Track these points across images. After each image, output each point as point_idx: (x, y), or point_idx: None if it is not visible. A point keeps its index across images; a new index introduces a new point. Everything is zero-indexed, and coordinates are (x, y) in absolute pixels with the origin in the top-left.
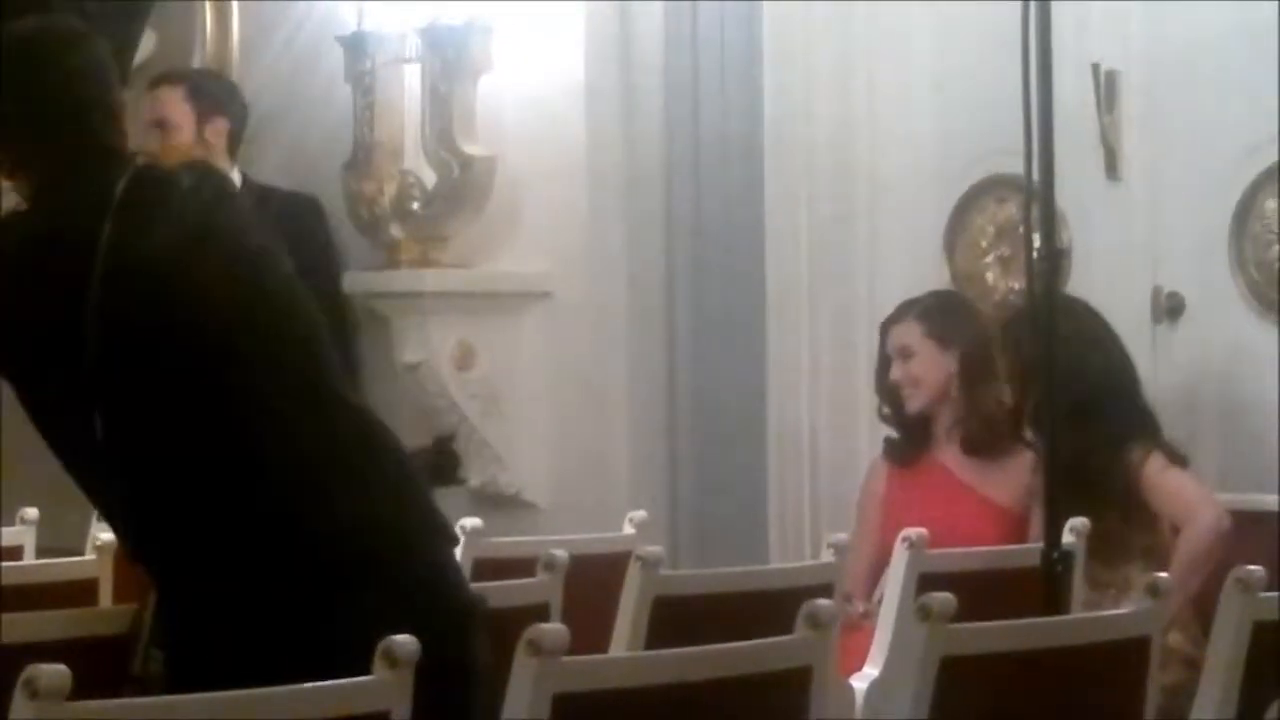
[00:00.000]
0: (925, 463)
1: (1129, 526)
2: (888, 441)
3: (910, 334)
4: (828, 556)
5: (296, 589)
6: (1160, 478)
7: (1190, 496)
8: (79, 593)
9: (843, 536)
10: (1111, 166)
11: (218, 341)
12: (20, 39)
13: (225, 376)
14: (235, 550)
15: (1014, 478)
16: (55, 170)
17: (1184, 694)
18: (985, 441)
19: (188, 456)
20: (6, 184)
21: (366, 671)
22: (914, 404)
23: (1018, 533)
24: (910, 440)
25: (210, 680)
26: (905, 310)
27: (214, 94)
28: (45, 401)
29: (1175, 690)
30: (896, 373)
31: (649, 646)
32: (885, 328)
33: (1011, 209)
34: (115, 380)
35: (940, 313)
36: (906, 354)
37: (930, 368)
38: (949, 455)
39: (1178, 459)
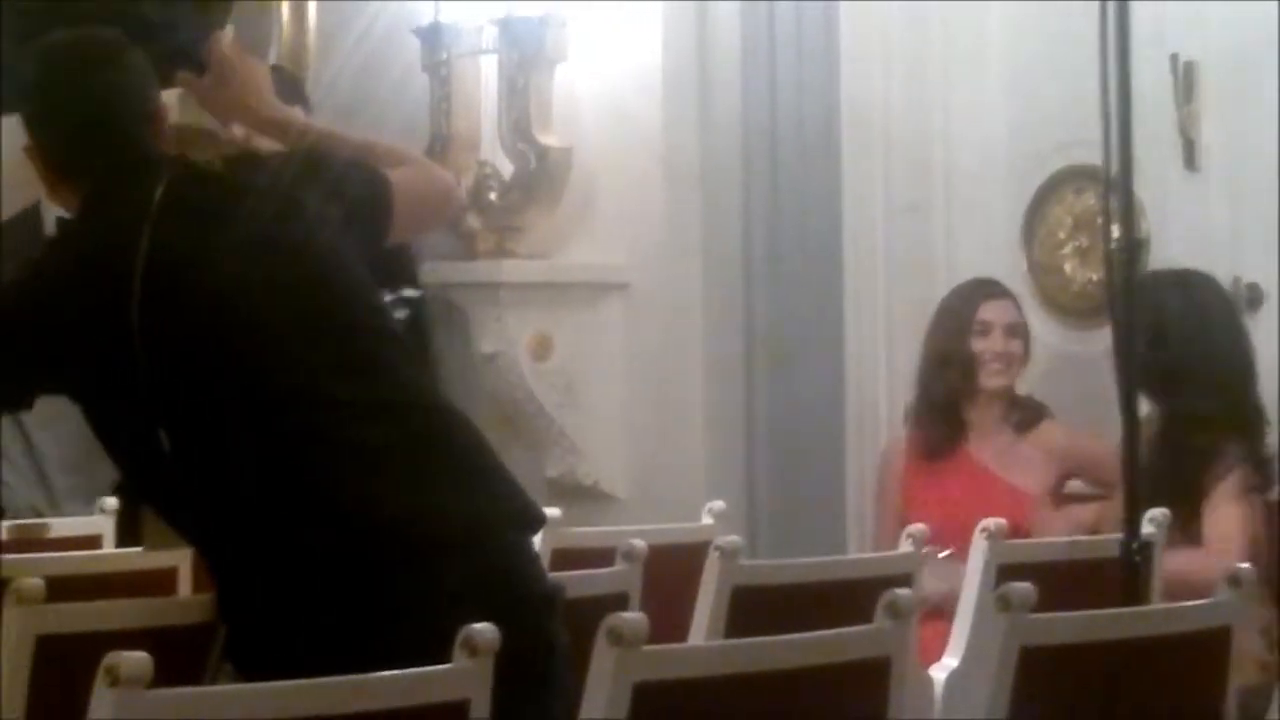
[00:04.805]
0: (951, 455)
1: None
2: (918, 435)
3: (1016, 312)
4: (906, 547)
5: (370, 580)
6: (1222, 500)
7: (1226, 537)
8: (158, 582)
9: (921, 527)
10: (1190, 157)
11: (277, 353)
12: (58, 51)
13: (289, 385)
14: (307, 547)
15: (1033, 459)
16: (99, 182)
17: (1260, 696)
18: (1031, 419)
19: (256, 464)
20: (48, 200)
21: (444, 660)
22: (999, 380)
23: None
24: (944, 431)
25: (284, 674)
26: (993, 288)
27: (287, 95)
28: (105, 418)
29: (1251, 693)
30: (997, 344)
31: (728, 636)
32: (980, 300)
33: (1090, 200)
34: (174, 396)
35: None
36: (1015, 330)
37: (1025, 348)
38: (980, 444)
39: (1259, 483)
